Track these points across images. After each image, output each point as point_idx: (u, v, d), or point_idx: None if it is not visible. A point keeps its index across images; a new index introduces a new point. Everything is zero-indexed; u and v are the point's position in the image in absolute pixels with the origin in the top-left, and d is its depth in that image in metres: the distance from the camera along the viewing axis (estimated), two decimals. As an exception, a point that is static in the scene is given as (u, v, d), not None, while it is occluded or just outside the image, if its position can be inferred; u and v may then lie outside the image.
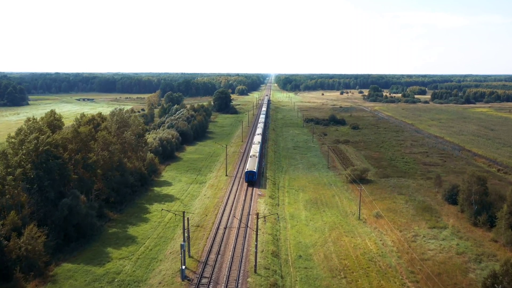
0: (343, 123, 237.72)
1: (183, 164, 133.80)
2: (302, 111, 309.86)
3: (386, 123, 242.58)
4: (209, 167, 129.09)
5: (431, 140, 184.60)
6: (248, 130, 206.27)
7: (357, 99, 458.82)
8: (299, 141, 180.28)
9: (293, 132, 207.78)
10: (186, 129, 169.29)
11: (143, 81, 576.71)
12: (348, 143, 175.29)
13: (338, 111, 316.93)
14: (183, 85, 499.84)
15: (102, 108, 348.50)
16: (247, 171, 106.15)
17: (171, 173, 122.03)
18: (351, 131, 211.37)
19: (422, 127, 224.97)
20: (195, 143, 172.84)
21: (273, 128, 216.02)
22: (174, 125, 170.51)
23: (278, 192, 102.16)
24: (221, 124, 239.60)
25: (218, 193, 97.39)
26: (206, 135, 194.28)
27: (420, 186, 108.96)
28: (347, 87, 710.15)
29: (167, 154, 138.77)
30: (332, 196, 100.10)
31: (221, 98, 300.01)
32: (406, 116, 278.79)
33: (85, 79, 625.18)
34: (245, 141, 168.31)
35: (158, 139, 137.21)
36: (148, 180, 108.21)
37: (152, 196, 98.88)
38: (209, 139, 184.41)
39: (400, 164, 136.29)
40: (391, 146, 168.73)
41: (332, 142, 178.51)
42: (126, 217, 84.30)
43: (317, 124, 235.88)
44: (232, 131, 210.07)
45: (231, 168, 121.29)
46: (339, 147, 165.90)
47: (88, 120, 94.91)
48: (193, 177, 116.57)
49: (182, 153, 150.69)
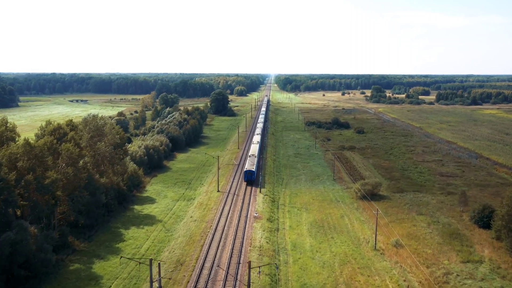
0: (347, 126, 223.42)
1: (172, 175, 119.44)
2: (303, 113, 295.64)
3: (393, 127, 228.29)
4: (200, 180, 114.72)
5: (443, 146, 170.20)
6: (245, 135, 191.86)
7: (360, 100, 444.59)
8: (300, 147, 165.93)
9: (294, 137, 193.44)
10: (177, 135, 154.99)
11: (140, 82, 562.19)
12: (354, 150, 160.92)
13: (341, 113, 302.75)
14: (180, 85, 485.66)
15: (95, 110, 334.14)
16: (246, 170, 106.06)
17: (157, 186, 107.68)
18: (356, 136, 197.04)
19: (432, 131, 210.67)
20: (187, 149, 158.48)
21: (273, 133, 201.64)
22: (165, 131, 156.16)
23: (277, 212, 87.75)
24: (217, 127, 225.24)
25: (207, 214, 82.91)
26: (200, 140, 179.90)
27: (441, 203, 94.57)
28: (348, 88, 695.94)
29: (154, 164, 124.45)
30: (340, 216, 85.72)
31: (218, 100, 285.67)
32: (412, 119, 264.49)
33: (80, 80, 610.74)
34: (242, 148, 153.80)
35: (144, 147, 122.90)
36: (128, 197, 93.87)
37: (131, 217, 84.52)
38: (203, 145, 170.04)
39: (414, 175, 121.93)
40: (401, 153, 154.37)
41: (336, 148, 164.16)
42: (95, 246, 69.90)
43: (319, 128, 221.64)
44: (228, 135, 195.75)
45: (224, 182, 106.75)
46: (345, 155, 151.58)
47: (53, 129, 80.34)
48: (181, 192, 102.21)
49: (171, 162, 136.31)
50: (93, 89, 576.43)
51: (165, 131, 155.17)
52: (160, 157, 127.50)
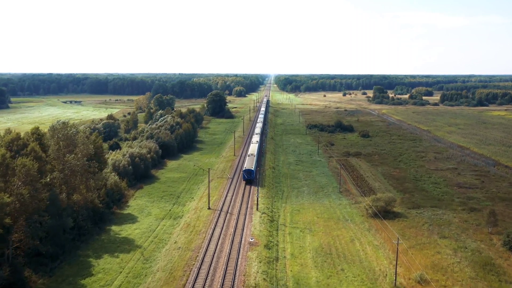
0: (351, 129, 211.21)
1: (159, 187, 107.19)
2: (304, 115, 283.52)
3: (399, 130, 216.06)
4: (190, 192, 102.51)
5: (456, 151, 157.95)
6: (242, 140, 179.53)
7: (362, 101, 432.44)
8: (302, 153, 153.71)
9: (294, 141, 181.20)
10: (168, 140, 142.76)
11: (136, 82, 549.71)
12: (360, 156, 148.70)
13: (343, 115, 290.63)
14: (178, 86, 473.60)
15: (87, 111, 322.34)
16: (245, 169, 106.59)
17: (141, 201, 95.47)
18: (361, 140, 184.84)
19: (441, 135, 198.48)
20: (180, 156, 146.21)
21: (272, 137, 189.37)
22: (154, 136, 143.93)
23: (277, 234, 75.49)
24: (214, 131, 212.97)
25: (194, 239, 70.58)
26: (194, 145, 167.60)
27: (465, 222, 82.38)
28: (349, 88, 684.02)
29: (140, 174, 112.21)
30: (350, 240, 73.48)
31: (215, 101, 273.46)
32: (419, 121, 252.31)
33: (76, 80, 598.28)
34: (238, 155, 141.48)
35: (129, 155, 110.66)
36: (105, 216, 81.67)
37: (106, 241, 72.30)
38: (197, 151, 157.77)
39: (428, 186, 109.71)
40: (411, 160, 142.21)
41: (341, 154, 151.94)
42: (56, 283, 57.70)
43: (321, 131, 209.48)
44: (225, 140, 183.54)
45: (216, 197, 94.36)
46: (350, 162, 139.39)
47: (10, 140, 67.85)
48: (167, 208, 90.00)
49: (161, 171, 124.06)
50: (89, 89, 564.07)
51: (155, 137, 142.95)
52: (147, 166, 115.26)
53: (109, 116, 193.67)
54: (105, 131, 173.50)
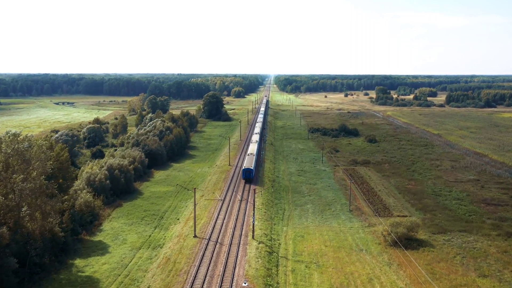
0: (356, 133, 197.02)
1: (141, 204, 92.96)
2: (305, 118, 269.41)
3: (407, 134, 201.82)
4: (176, 212, 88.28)
5: (473, 159, 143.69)
6: (239, 146, 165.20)
7: (364, 102, 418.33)
8: (304, 162, 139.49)
9: (296, 147, 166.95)
10: (156, 148, 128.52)
11: (132, 82, 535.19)
12: (369, 165, 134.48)
13: (347, 117, 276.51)
14: (174, 87, 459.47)
15: (78, 113, 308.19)
16: (244, 168, 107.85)
17: (118, 223, 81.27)
18: (368, 146, 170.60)
19: (453, 140, 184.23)
20: (169, 165, 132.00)
21: (271, 142, 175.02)
22: (141, 143, 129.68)
23: (277, 273, 61.18)
24: (209, 135, 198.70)
25: (172, 283, 56.11)
26: (186, 152, 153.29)
27: (504, 253, 68.09)
28: (350, 89, 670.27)
29: (120, 189, 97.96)
30: (368, 280, 59.18)
31: (212, 103, 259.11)
32: (427, 124, 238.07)
33: (71, 81, 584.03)
34: (234, 165, 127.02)
35: (107, 168, 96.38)
36: (68, 246, 67.38)
37: (64, 282, 58.01)
38: (189, 159, 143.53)
39: (451, 203, 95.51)
40: (426, 170, 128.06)
41: (347, 162, 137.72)
42: None
43: (324, 136, 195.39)
44: (220, 145, 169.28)
45: (204, 220, 79.77)
46: (358, 172, 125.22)
47: None
48: (147, 234, 75.79)
49: (145, 184, 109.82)
50: (84, 90, 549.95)
51: (142, 144, 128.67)
52: (128, 179, 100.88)
53: (95, 120, 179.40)
54: (90, 136, 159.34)
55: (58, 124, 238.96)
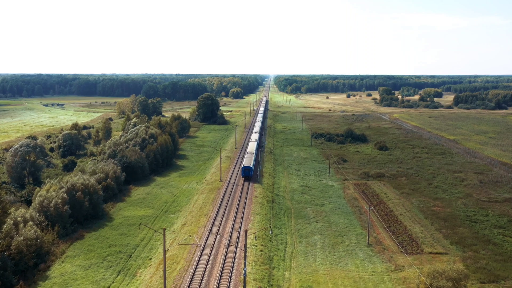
0: (364, 139, 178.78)
1: (108, 235, 74.68)
2: (307, 121, 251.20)
3: (420, 140, 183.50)
4: (150, 248, 69.95)
5: (503, 171, 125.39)
6: (234, 155, 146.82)
7: (368, 103, 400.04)
8: (308, 174, 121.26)
9: (298, 156, 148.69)
10: (136, 160, 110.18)
11: (127, 83, 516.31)
12: (383, 179, 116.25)
13: (351, 120, 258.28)
14: (170, 87, 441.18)
15: (66, 116, 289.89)
16: (243, 166, 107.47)
17: (72, 265, 62.99)
18: (379, 154, 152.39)
19: (472, 147, 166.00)
20: (151, 179, 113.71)
21: (271, 150, 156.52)
22: (118, 154, 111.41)
23: None
24: (202, 141, 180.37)
25: None
26: (173, 162, 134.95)
27: None
28: (352, 89, 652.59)
29: (84, 214, 79.77)
30: None
31: (207, 105, 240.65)
32: (439, 128, 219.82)
33: (64, 81, 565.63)
34: (226, 180, 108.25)
35: (66, 190, 78.04)
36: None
37: None
38: (175, 171, 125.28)
39: (492, 232, 77.32)
40: (450, 185, 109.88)
41: (358, 176, 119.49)
42: None
43: (329, 141, 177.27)
44: (213, 154, 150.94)
45: (182, 265, 61.08)
46: (372, 188, 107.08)
47: None
48: (105, 285, 57.44)
49: (119, 205, 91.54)
50: (77, 91, 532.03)
51: (119, 155, 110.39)
52: (96, 202, 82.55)
53: (73, 125, 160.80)
54: (65, 144, 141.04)
55: (39, 128, 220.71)
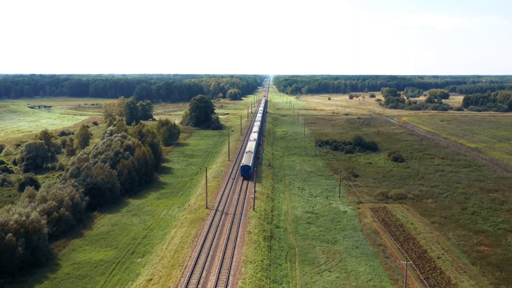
0: (375, 148, 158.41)
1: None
2: (309, 125, 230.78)
3: (438, 148, 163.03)
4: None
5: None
6: (225, 171, 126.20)
7: (373, 105, 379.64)
8: (315, 194, 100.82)
9: (301, 169, 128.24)
10: (104, 180, 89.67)
11: (120, 84, 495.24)
12: (405, 201, 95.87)
13: (357, 124, 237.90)
14: (164, 88, 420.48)
15: (49, 119, 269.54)
16: (242, 165, 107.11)
17: None
18: (394, 166, 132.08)
19: (499, 157, 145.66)
20: (123, 203, 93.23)
21: (269, 162, 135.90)
22: (83, 172, 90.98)
23: None
24: (192, 150, 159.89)
25: None
26: (154, 179, 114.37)
27: None
28: (354, 90, 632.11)
29: (17, 264, 59.32)
30: None
31: (200, 108, 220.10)
32: (455, 134, 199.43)
33: (55, 82, 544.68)
34: (213, 206, 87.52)
35: (-9, 230, 57.53)
36: None
37: None
38: (155, 190, 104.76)
39: None
40: (490, 211, 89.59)
41: (374, 197, 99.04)
42: None
43: (336, 150, 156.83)
44: (205, 165, 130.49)
45: None
46: (393, 214, 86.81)
47: None
48: None
49: (73, 244, 71.06)
50: (69, 92, 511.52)
51: (83, 173, 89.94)
52: (36, 244, 62.17)
53: (42, 133, 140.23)
54: (29, 157, 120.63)
55: (15, 134, 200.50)
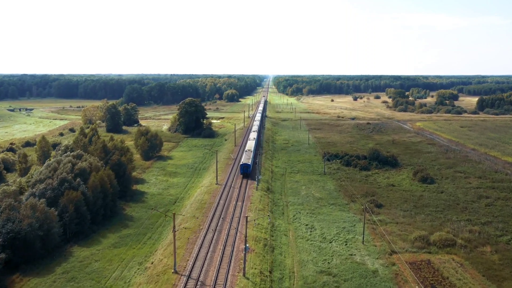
0: (394, 164, 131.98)
1: None
2: (313, 131, 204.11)
3: (469, 162, 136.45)
4: None
5: None
6: (212, 199, 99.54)
7: (380, 108, 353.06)
8: (329, 238, 74.37)
9: (308, 195, 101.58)
10: (33, 227, 63.01)
11: (110, 85, 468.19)
12: (455, 249, 69.49)
13: (367, 131, 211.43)
14: (156, 89, 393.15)
15: (24, 125, 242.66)
16: (242, 163, 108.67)
17: None
18: (423, 189, 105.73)
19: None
20: (64, 253, 66.73)
21: (268, 186, 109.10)
22: (2, 214, 64.35)
23: None
24: (176, 165, 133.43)
25: None
26: (118, 210, 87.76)
27: None
28: (357, 90, 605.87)
29: None
30: None
31: (190, 113, 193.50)
32: (482, 143, 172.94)
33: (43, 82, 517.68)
34: (184, 272, 61.09)
35: None
36: None
37: None
38: (115, 229, 78.18)
39: None
40: None
41: (411, 243, 72.56)
42: None
43: (348, 166, 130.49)
44: (186, 189, 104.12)
45: None
46: (443, 274, 60.64)
47: None
48: None
49: None
50: (57, 93, 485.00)
51: (3, 217, 63.30)
52: None
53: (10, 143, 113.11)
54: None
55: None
